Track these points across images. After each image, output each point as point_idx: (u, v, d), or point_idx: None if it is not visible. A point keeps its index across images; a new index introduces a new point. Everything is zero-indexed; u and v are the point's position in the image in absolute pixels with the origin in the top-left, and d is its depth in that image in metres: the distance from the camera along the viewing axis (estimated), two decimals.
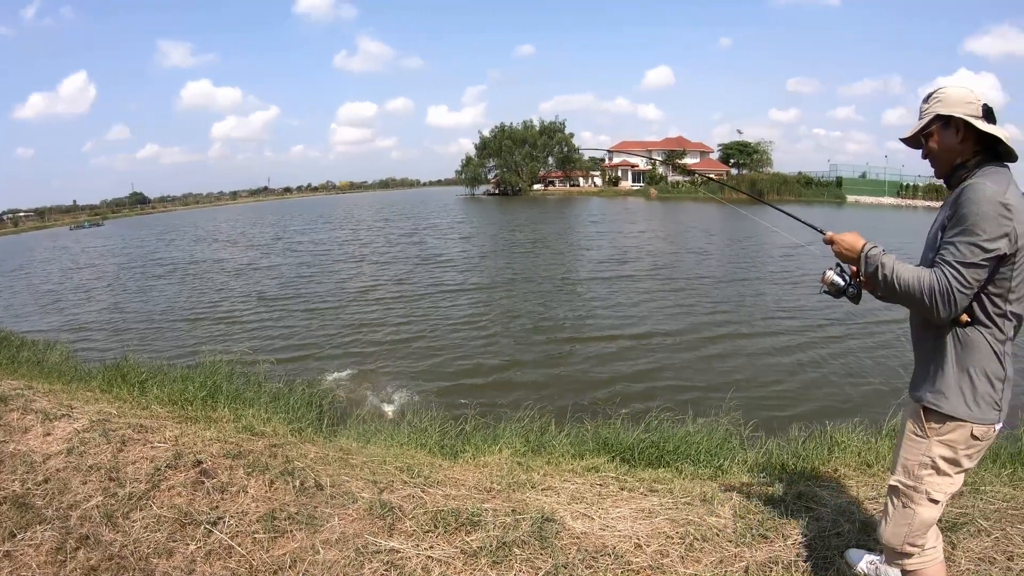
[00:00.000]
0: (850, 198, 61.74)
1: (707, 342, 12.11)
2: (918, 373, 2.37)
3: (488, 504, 3.61)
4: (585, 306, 15.47)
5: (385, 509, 3.47)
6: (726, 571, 3.07)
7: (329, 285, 20.22)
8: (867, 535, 3.31)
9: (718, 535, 3.38)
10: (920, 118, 2.26)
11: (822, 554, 3.17)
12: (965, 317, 2.12)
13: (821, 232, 2.53)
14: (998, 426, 2.22)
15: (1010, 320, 2.14)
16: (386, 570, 3.03)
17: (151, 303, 18.66)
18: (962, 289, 2.02)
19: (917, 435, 2.30)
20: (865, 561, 3.00)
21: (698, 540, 3.32)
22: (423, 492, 3.72)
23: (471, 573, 3.00)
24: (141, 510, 3.58)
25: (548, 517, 3.44)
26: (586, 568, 3.05)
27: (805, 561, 3.12)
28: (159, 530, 3.40)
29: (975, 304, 2.12)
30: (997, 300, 2.11)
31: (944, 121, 2.17)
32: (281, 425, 5.15)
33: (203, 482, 3.83)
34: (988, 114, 2.12)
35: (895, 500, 2.40)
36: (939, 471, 2.27)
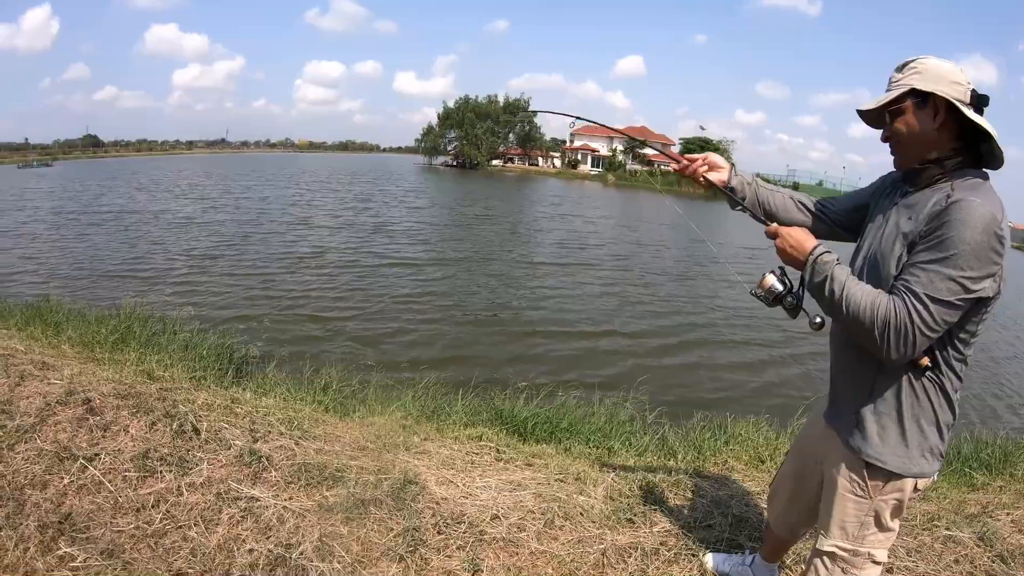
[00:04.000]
0: None
1: (645, 336, 12.36)
2: (846, 411, 1.98)
3: (356, 462, 3.82)
4: (526, 290, 15.68)
5: (254, 458, 3.67)
6: (582, 552, 3.18)
7: (271, 247, 19.94)
8: (738, 531, 3.43)
9: (582, 515, 3.51)
10: (888, 89, 1.80)
11: (686, 545, 3.22)
12: (926, 360, 1.74)
13: (765, 223, 2.15)
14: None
15: (967, 365, 1.80)
16: (242, 516, 3.23)
17: (86, 250, 17.96)
18: (925, 330, 1.62)
19: (858, 495, 1.93)
20: (730, 564, 3.02)
21: (560, 518, 3.45)
22: (296, 444, 3.92)
23: (323, 526, 3.20)
24: (25, 443, 3.70)
25: (411, 479, 3.65)
26: (437, 533, 3.25)
27: (668, 550, 3.20)
28: (39, 462, 3.53)
29: (937, 347, 1.74)
30: (961, 345, 1.76)
31: (921, 98, 1.72)
32: (181, 372, 5.25)
33: (88, 419, 3.96)
34: (978, 102, 1.69)
35: (829, 566, 2.03)
36: (883, 527, 1.95)
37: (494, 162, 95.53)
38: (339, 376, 6.21)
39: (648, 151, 79.86)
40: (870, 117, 1.88)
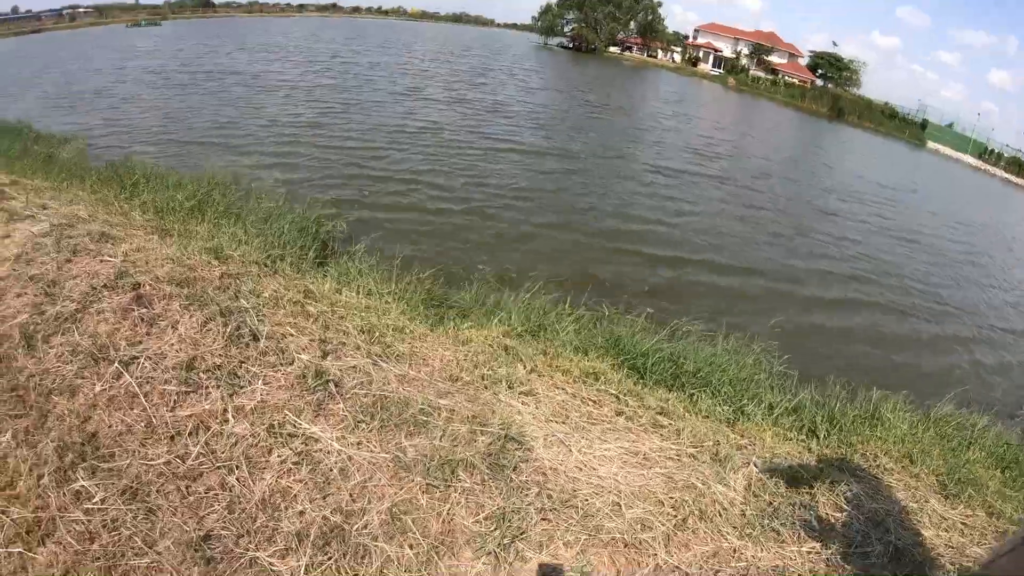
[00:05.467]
0: (930, 144, 57.13)
1: (766, 260, 10.56)
2: None
3: (445, 400, 2.93)
4: (643, 193, 13.78)
5: (320, 381, 2.86)
6: (717, 570, 2.38)
7: (377, 118, 18.72)
8: (898, 565, 2.58)
9: (721, 515, 2.66)
10: None
11: None
12: None
13: None
14: None
15: None
16: (296, 461, 2.47)
17: (181, 112, 17.14)
18: None
19: None
20: None
21: (695, 516, 2.61)
22: (374, 365, 3.08)
23: (396, 492, 2.39)
24: (63, 334, 3.13)
25: (514, 436, 2.77)
26: (541, 520, 2.40)
27: None
28: (72, 361, 2.95)
29: None
30: None
31: None
32: (255, 251, 4.54)
33: (133, 310, 3.30)
34: None
35: None
36: None
37: (611, 48, 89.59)
38: (434, 275, 5.33)
39: (774, 59, 73.44)
40: None
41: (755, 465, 3.09)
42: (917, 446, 3.73)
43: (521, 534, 2.30)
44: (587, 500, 2.53)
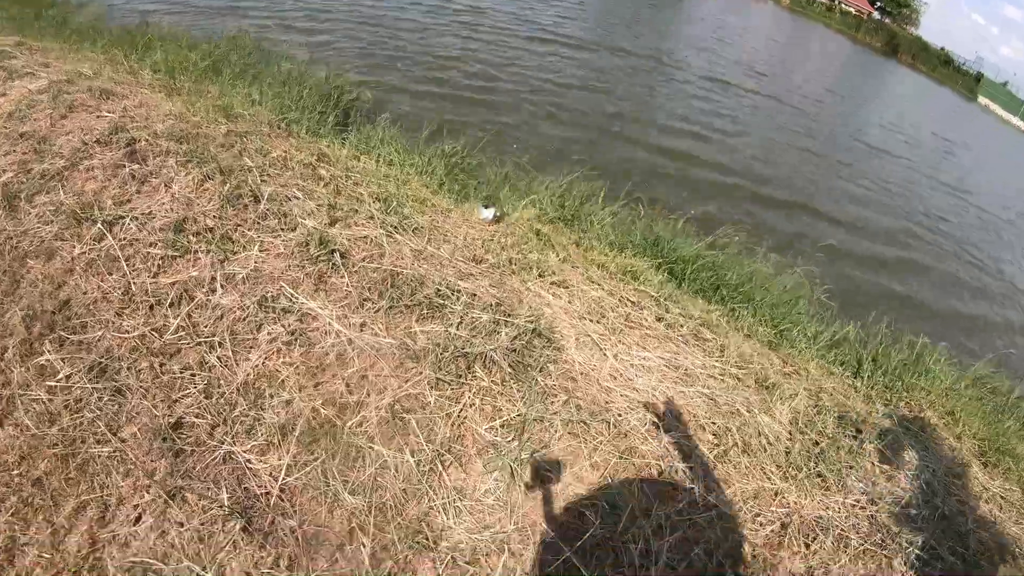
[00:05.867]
0: (981, 99, 51.07)
1: (811, 183, 9.52)
2: None
3: (467, 283, 2.45)
4: (693, 100, 12.33)
5: (324, 249, 2.41)
6: (757, 513, 2.02)
7: None
8: (942, 538, 2.25)
9: (765, 449, 2.29)
10: None
11: (882, 540, 2.20)
12: None
13: None
14: None
15: None
16: (288, 341, 2.07)
17: None
18: None
19: None
20: None
21: (738, 448, 2.23)
22: (388, 238, 2.60)
23: (400, 383, 1.98)
24: (47, 193, 2.76)
25: (542, 331, 2.30)
26: (568, 435, 1.98)
27: (860, 539, 2.12)
28: (53, 222, 2.58)
29: None
30: None
31: None
32: (269, 112, 4.03)
33: (124, 166, 2.90)
34: None
35: None
36: None
37: None
38: (461, 151, 4.74)
39: None
40: None
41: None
42: (959, 403, 3.41)
43: (542, 447, 1.89)
44: (621, 416, 2.09)
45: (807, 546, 2.05)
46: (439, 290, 2.30)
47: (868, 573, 2.08)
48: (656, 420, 2.14)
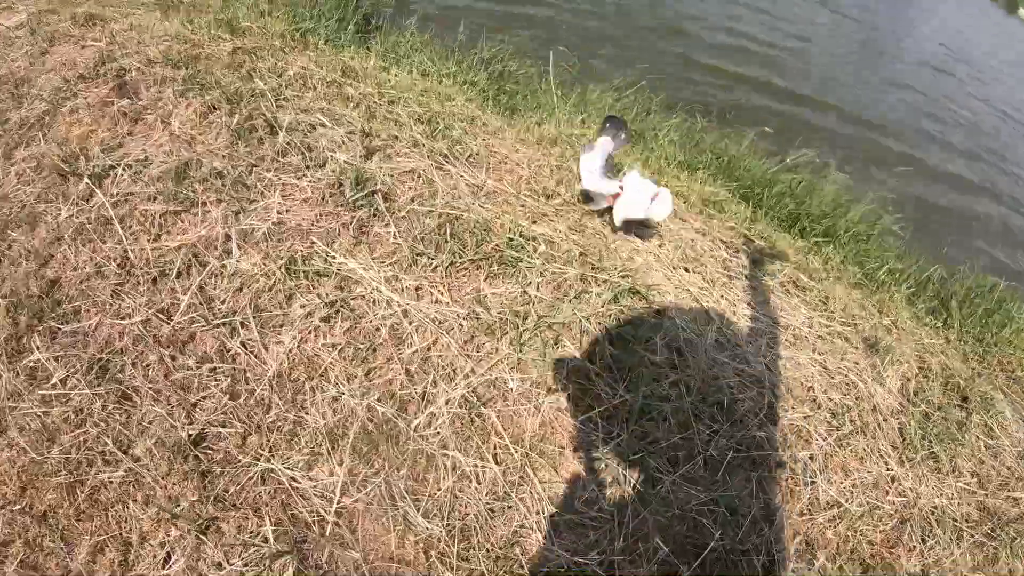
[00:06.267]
0: (1021, 12, 44.92)
1: (877, 102, 8.30)
2: None
3: (542, 226, 1.90)
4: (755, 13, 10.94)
5: (362, 191, 1.89)
6: (876, 507, 1.76)
7: None
8: None
9: (881, 427, 1.97)
10: None
11: (988, 533, 1.99)
12: None
13: None
14: None
15: None
16: (326, 316, 1.61)
17: None
18: None
19: None
20: None
21: (851, 420, 1.90)
22: (439, 170, 2.05)
23: (472, 366, 1.52)
24: (27, 145, 2.30)
25: (639, 289, 1.81)
26: (677, 424, 1.57)
27: (971, 530, 1.96)
28: (35, 182, 2.14)
29: None
30: None
31: None
32: (281, 22, 3.43)
33: (112, 103, 2.41)
34: None
35: None
36: None
37: None
38: (501, 58, 4.08)
39: None
40: None
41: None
42: None
43: (650, 442, 1.45)
44: (735, 396, 1.63)
45: (923, 541, 1.85)
46: (511, 239, 1.78)
47: (977, 566, 1.91)
48: (773, 400, 1.73)
